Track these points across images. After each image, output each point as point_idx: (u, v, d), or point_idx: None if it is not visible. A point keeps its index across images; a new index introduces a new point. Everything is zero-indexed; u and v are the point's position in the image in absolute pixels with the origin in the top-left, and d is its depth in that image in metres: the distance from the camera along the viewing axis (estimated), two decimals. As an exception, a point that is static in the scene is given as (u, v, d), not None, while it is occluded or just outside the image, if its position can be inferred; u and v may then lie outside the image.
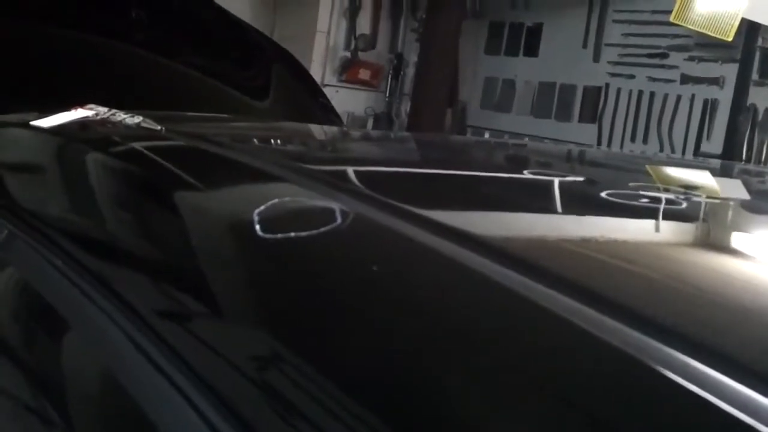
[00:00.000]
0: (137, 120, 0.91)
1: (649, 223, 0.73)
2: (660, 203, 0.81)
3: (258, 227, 0.56)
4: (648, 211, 0.76)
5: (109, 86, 1.62)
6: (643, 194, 0.85)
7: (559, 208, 0.75)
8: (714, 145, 3.74)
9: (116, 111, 0.96)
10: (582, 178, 1.06)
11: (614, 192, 0.84)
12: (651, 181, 1.13)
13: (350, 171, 0.79)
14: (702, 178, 1.20)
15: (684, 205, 0.82)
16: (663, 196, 0.89)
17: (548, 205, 0.74)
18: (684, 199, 0.87)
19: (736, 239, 0.72)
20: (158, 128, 0.88)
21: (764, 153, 3.61)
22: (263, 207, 0.62)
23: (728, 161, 3.19)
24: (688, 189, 1.05)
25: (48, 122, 0.94)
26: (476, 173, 0.98)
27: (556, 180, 0.91)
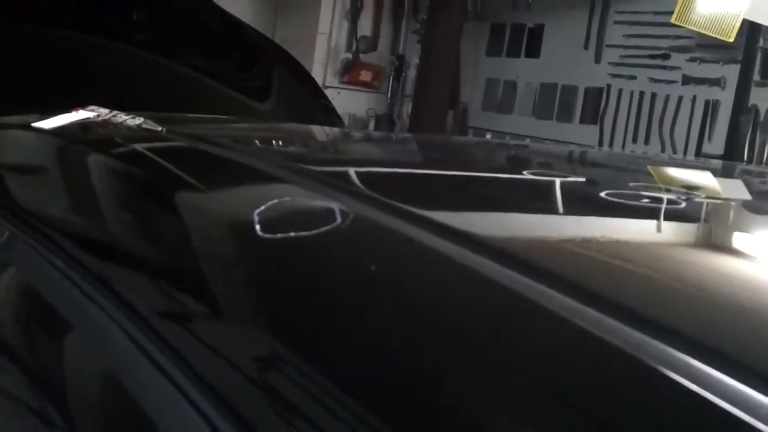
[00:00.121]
0: (138, 121, 0.91)
1: (651, 224, 0.73)
2: (661, 204, 0.81)
3: (259, 228, 0.56)
4: (649, 212, 0.76)
5: (110, 87, 1.62)
6: (645, 195, 0.85)
7: (561, 209, 0.75)
8: (715, 146, 3.74)
9: (117, 112, 0.96)
10: (583, 179, 1.06)
11: (616, 192, 0.84)
12: (653, 182, 1.13)
13: (351, 172, 0.79)
14: (703, 179, 1.20)
15: (685, 206, 0.82)
16: (665, 197, 0.89)
17: (549, 206, 0.74)
18: (685, 200, 0.87)
19: (738, 239, 0.72)
20: (159, 129, 0.88)
21: (766, 153, 3.61)
22: (264, 208, 0.62)
23: (730, 162, 3.19)
24: (690, 189, 1.05)
25: (49, 124, 0.94)
26: (477, 174, 0.98)
27: (558, 181, 0.91)
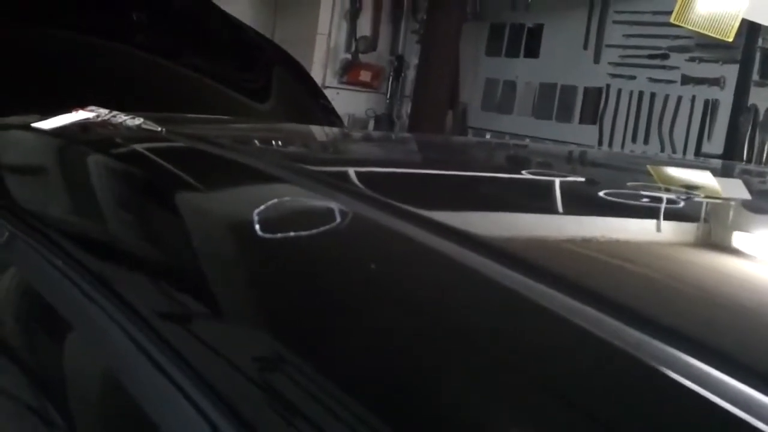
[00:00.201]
0: (138, 121, 0.91)
1: (650, 223, 0.73)
2: (661, 203, 0.81)
3: (258, 228, 0.56)
4: (649, 212, 0.76)
5: (110, 88, 1.62)
6: (644, 194, 0.85)
7: (560, 209, 0.75)
8: (715, 146, 3.74)
9: (117, 113, 0.96)
10: (583, 179, 1.06)
11: (615, 192, 0.84)
12: (652, 181, 1.13)
13: (351, 172, 0.79)
14: (703, 178, 1.20)
15: (685, 206, 0.82)
16: (664, 196, 0.89)
17: (549, 206, 0.74)
18: (685, 200, 0.87)
19: (737, 239, 0.72)
20: (159, 130, 0.88)
21: (765, 153, 3.61)
22: (264, 208, 0.62)
23: (729, 161, 3.19)
24: (690, 189, 1.05)
25: (49, 124, 0.94)
26: (477, 174, 0.98)
27: (557, 180, 0.91)
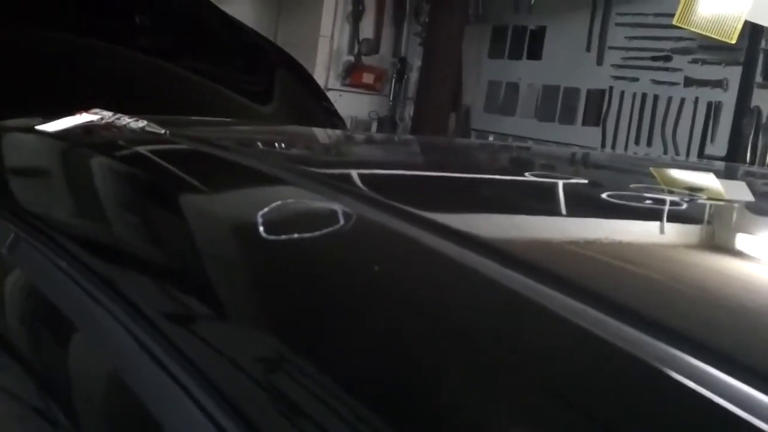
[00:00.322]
0: (141, 124, 0.91)
1: (654, 226, 0.73)
2: (664, 205, 0.81)
3: (262, 230, 0.57)
4: (652, 213, 0.76)
5: (114, 91, 1.62)
6: (648, 197, 0.85)
7: (564, 211, 0.75)
8: (718, 148, 3.74)
9: (120, 115, 0.96)
10: (586, 181, 1.06)
11: (619, 194, 0.84)
12: (655, 184, 1.13)
13: (354, 174, 0.80)
14: (706, 181, 1.20)
15: (688, 208, 0.82)
16: (667, 198, 0.89)
17: (552, 208, 0.74)
18: (688, 202, 0.87)
19: (741, 241, 0.72)
20: (162, 132, 0.88)
21: (768, 155, 3.61)
22: (267, 210, 0.62)
23: (732, 163, 3.19)
24: (693, 191, 1.05)
25: (53, 127, 0.94)
26: (480, 176, 0.98)
27: (560, 182, 0.91)
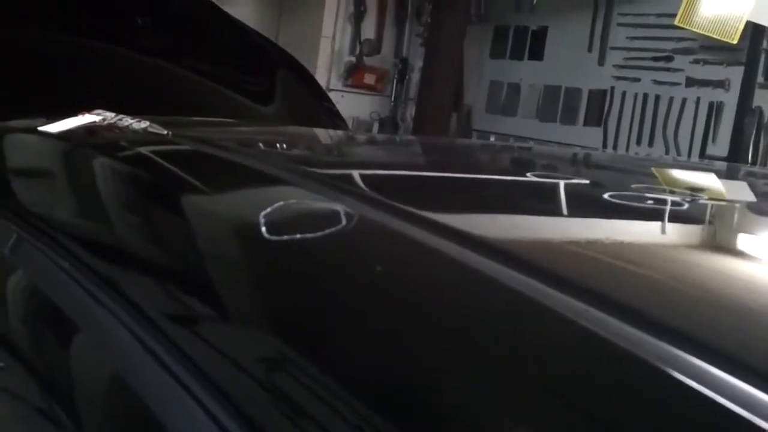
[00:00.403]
0: (144, 125, 0.91)
1: (655, 225, 0.73)
2: (666, 205, 0.81)
3: (265, 231, 0.57)
4: (654, 214, 0.77)
5: (116, 92, 1.62)
6: (650, 197, 0.85)
7: (566, 211, 0.75)
8: (720, 148, 3.73)
9: (123, 116, 0.96)
10: (588, 181, 1.06)
11: (621, 195, 0.84)
12: (657, 184, 1.13)
13: (356, 175, 0.80)
14: (708, 181, 1.20)
15: (690, 208, 0.82)
16: (669, 199, 0.89)
17: (553, 208, 0.74)
18: (690, 202, 0.87)
19: (742, 241, 0.72)
20: (165, 133, 0.89)
21: (770, 155, 3.60)
22: (270, 210, 0.62)
23: (734, 163, 3.19)
24: (694, 191, 1.05)
25: (56, 128, 0.95)
26: (482, 177, 0.98)
27: (561, 183, 0.91)
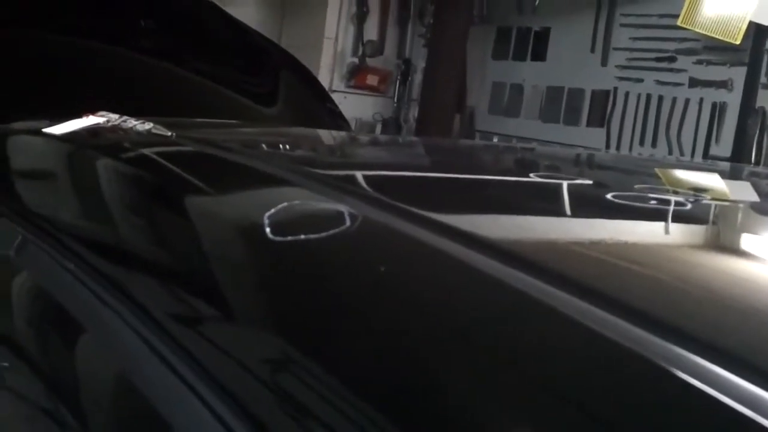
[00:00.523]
0: (147, 126, 0.92)
1: (658, 226, 0.73)
2: (669, 206, 0.81)
3: (269, 231, 0.57)
4: (657, 214, 0.77)
5: (118, 93, 1.62)
6: (652, 197, 0.85)
7: (569, 212, 0.75)
8: (723, 148, 3.73)
9: (127, 118, 0.97)
10: (591, 181, 1.06)
11: (623, 195, 0.84)
12: (660, 184, 1.13)
13: (360, 175, 0.80)
14: (711, 181, 1.20)
15: (693, 208, 0.82)
16: (672, 199, 0.89)
17: (557, 208, 0.74)
18: (693, 202, 0.87)
19: (746, 241, 0.72)
20: (169, 134, 0.89)
21: (773, 155, 3.60)
22: (274, 211, 0.62)
23: (737, 164, 3.18)
24: (697, 191, 1.05)
25: (60, 129, 0.95)
26: (485, 177, 0.98)
27: (565, 183, 0.91)
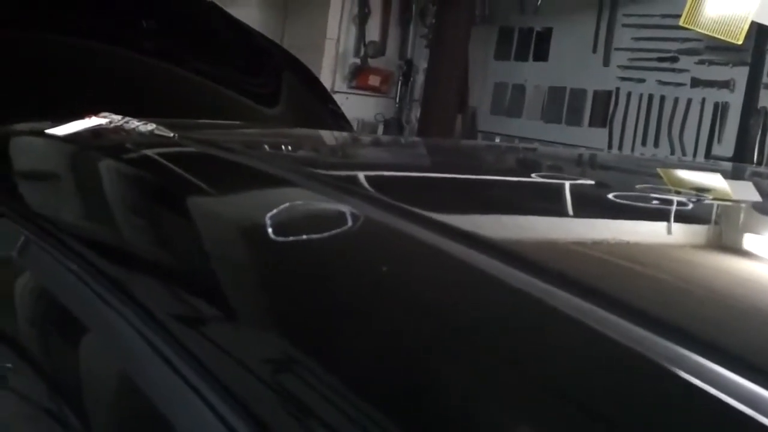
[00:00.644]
0: (150, 127, 0.92)
1: (660, 226, 0.73)
2: (671, 206, 0.81)
3: (272, 232, 0.57)
4: (659, 214, 0.77)
5: (120, 94, 1.63)
6: (654, 197, 0.85)
7: (570, 211, 0.75)
8: (725, 148, 3.73)
9: (129, 119, 0.97)
10: (593, 182, 1.06)
11: (626, 195, 0.84)
12: (662, 184, 1.13)
13: (362, 176, 0.80)
14: (713, 181, 1.20)
15: (695, 208, 0.82)
16: (674, 199, 0.89)
17: (559, 209, 0.74)
18: (695, 202, 0.87)
19: (747, 241, 0.72)
20: (171, 135, 0.89)
21: (775, 155, 3.60)
22: (276, 212, 0.62)
23: (739, 164, 3.18)
24: (700, 191, 1.05)
25: (62, 130, 0.95)
26: (488, 177, 0.98)
27: (567, 183, 0.91)
